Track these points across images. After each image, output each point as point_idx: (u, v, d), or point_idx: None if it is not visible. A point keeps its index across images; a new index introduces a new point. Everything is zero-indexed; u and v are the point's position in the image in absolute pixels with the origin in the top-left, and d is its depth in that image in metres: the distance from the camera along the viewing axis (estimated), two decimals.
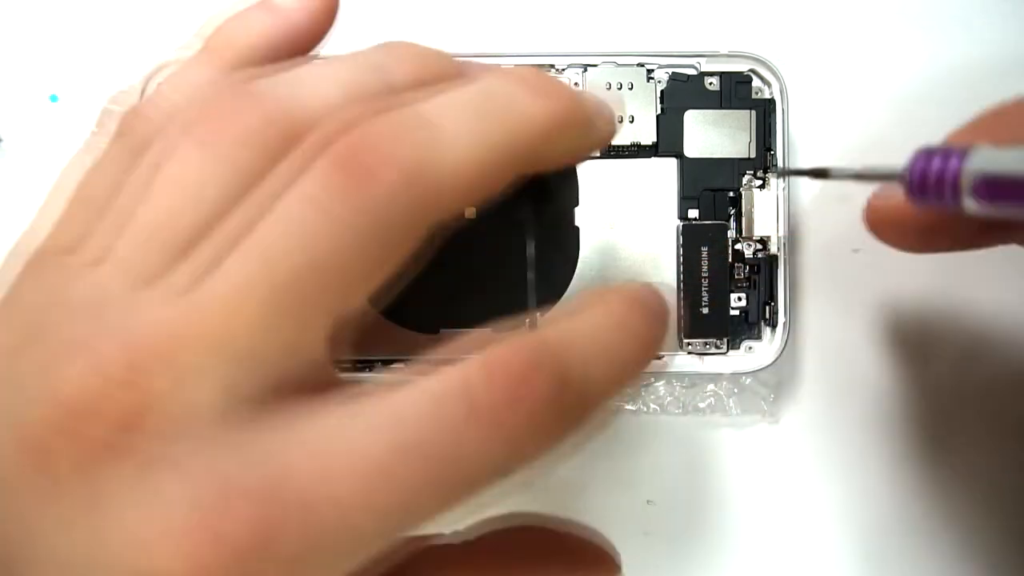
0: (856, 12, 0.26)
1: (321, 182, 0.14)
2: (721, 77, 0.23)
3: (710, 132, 0.23)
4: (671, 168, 0.23)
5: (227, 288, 0.13)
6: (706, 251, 0.23)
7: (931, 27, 0.26)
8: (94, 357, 0.13)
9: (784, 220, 0.23)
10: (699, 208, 0.23)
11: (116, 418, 0.13)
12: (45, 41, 0.27)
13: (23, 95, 0.27)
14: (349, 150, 0.14)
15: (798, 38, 0.26)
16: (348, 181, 0.14)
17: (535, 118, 0.16)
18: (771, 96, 0.23)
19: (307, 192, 0.14)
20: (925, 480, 0.26)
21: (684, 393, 0.25)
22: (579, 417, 0.14)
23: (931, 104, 0.26)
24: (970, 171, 0.14)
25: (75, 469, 0.13)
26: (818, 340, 0.26)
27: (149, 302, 0.14)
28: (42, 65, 0.27)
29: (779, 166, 0.22)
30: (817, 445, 0.26)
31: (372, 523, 0.13)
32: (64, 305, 0.14)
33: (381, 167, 0.14)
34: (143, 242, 0.14)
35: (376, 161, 0.14)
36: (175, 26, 0.27)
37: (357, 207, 0.13)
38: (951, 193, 0.14)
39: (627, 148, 0.23)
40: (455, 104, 0.15)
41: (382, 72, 0.16)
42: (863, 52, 0.26)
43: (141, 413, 0.13)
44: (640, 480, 0.26)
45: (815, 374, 0.26)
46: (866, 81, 0.26)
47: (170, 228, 0.14)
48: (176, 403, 0.13)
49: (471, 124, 0.15)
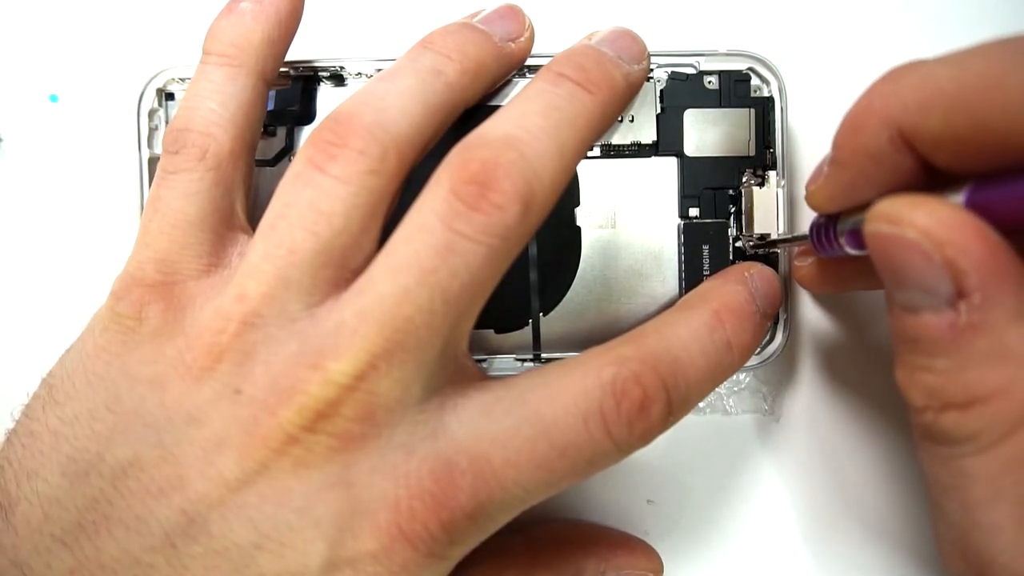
0: (853, 10, 0.26)
1: (464, 217, 0.17)
2: (720, 76, 0.23)
3: (710, 131, 0.23)
4: (671, 167, 0.23)
5: (394, 301, 0.17)
6: (707, 249, 0.23)
7: (929, 25, 0.26)
8: (323, 373, 0.16)
9: (784, 218, 0.23)
10: (699, 206, 0.23)
11: (353, 416, 0.17)
12: (45, 41, 0.27)
13: (23, 95, 0.27)
14: (478, 188, 0.17)
15: (796, 36, 0.26)
16: (486, 217, 0.17)
17: (594, 113, 0.19)
18: (770, 94, 0.23)
19: (447, 222, 0.17)
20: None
21: None
22: (675, 423, 0.19)
23: None
24: (841, 229, 0.19)
25: (327, 454, 0.17)
26: (817, 337, 0.26)
27: (331, 320, 0.17)
28: (42, 65, 0.27)
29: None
30: (816, 442, 0.26)
31: (524, 498, 0.17)
32: (259, 330, 0.17)
33: (508, 204, 0.17)
34: (313, 268, 0.17)
35: (502, 196, 0.17)
36: (175, 26, 0.27)
37: (493, 234, 0.17)
38: (836, 244, 0.19)
39: (627, 147, 0.23)
40: (529, 120, 0.18)
41: (440, 75, 0.19)
42: (861, 49, 0.26)
43: (371, 410, 0.17)
44: (640, 480, 0.26)
45: (814, 371, 0.26)
46: (864, 78, 0.26)
47: (329, 252, 0.17)
48: (392, 399, 0.17)
49: (550, 136, 0.18)
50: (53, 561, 0.16)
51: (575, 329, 0.23)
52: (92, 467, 0.17)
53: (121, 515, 0.16)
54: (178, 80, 0.23)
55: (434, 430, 0.17)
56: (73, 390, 0.18)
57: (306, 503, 0.16)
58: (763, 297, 0.21)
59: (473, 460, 0.17)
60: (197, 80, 0.20)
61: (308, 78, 0.23)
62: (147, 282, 0.19)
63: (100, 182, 0.26)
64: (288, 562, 0.16)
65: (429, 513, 0.17)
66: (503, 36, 0.21)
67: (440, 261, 0.17)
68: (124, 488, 0.16)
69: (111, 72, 0.26)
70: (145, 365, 0.18)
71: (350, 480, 0.17)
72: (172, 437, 0.17)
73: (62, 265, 0.27)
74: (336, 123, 0.18)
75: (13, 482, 0.17)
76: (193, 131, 0.19)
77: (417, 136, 0.19)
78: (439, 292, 0.17)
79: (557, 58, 0.20)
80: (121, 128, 0.26)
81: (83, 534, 0.16)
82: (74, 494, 0.16)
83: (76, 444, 0.17)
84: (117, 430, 0.17)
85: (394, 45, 0.22)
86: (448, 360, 0.18)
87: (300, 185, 0.18)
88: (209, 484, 0.16)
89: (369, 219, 0.18)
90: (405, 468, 0.17)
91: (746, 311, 0.20)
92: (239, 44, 0.20)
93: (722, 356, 0.19)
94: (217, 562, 0.16)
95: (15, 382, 0.26)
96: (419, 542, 0.17)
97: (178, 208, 0.19)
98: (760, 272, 0.21)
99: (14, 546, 0.16)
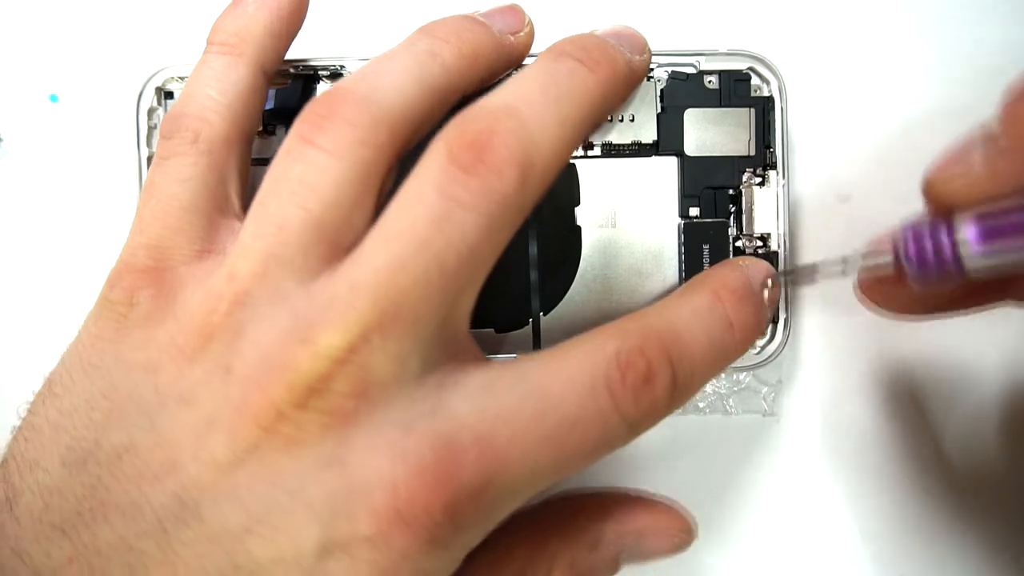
0: (854, 9, 0.26)
1: (460, 183, 0.16)
2: (720, 75, 0.23)
3: (710, 130, 0.23)
4: (671, 167, 0.23)
5: (388, 272, 0.16)
6: (707, 249, 0.23)
7: (930, 25, 0.26)
8: (313, 347, 0.16)
9: (784, 217, 0.23)
10: (700, 206, 0.23)
11: (346, 391, 0.16)
12: (45, 41, 0.27)
13: (23, 95, 0.27)
14: (475, 154, 0.17)
15: (796, 36, 0.26)
16: (482, 182, 0.16)
17: (595, 90, 0.19)
18: (770, 94, 0.23)
19: (442, 190, 0.16)
20: (926, 476, 0.26)
21: None
22: (682, 402, 0.18)
23: (930, 101, 0.26)
24: (963, 240, 0.14)
25: (320, 432, 0.16)
26: (818, 337, 0.26)
27: (324, 294, 0.16)
28: (42, 65, 0.27)
29: (779, 268, 0.22)
30: (817, 442, 0.26)
31: (532, 479, 0.17)
32: (250, 308, 0.17)
33: (506, 169, 0.17)
34: (304, 244, 0.17)
35: (499, 162, 0.17)
36: (175, 26, 0.27)
37: (491, 201, 0.16)
38: (955, 266, 0.14)
39: (628, 147, 0.23)
40: (529, 92, 0.18)
41: (436, 57, 0.19)
42: (861, 49, 0.26)
43: (364, 386, 0.16)
44: (640, 480, 0.26)
45: (815, 371, 0.26)
46: (864, 77, 0.26)
47: (320, 227, 0.17)
48: (387, 375, 0.16)
49: (549, 108, 0.17)
50: (52, 550, 0.16)
51: (575, 328, 0.23)
52: (90, 455, 0.17)
53: (117, 501, 0.16)
54: (178, 79, 0.23)
55: (433, 408, 0.17)
56: (70, 381, 0.18)
57: (298, 483, 0.16)
58: (760, 285, 0.21)
59: (477, 436, 0.16)
60: (197, 69, 0.20)
61: (308, 77, 0.23)
62: (138, 268, 0.18)
63: (100, 182, 0.26)
64: (280, 547, 0.16)
65: (430, 492, 0.16)
66: (502, 30, 0.21)
67: (436, 230, 0.16)
68: (120, 474, 0.16)
69: (111, 72, 0.26)
70: (138, 350, 0.17)
71: (344, 459, 0.16)
72: (165, 420, 0.16)
73: (62, 265, 0.27)
74: (328, 97, 0.18)
75: (16, 474, 0.17)
76: (187, 116, 0.19)
77: (411, 112, 0.18)
78: (435, 263, 0.16)
79: (558, 41, 0.20)
80: (121, 128, 0.26)
81: (81, 522, 0.16)
82: (73, 483, 0.16)
83: (75, 434, 0.17)
84: (113, 417, 0.17)
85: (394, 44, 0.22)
86: (447, 338, 0.17)
87: (290, 161, 0.17)
88: (201, 467, 0.16)
89: (361, 194, 0.17)
90: (403, 445, 0.16)
91: (744, 292, 0.20)
92: (239, 34, 0.20)
93: (724, 334, 0.19)
94: (208, 548, 0.16)
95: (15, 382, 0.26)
96: (419, 526, 0.16)
97: (171, 194, 0.19)
98: (754, 262, 0.21)
99: (16, 536, 0.16)
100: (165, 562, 0.16)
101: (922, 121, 0.26)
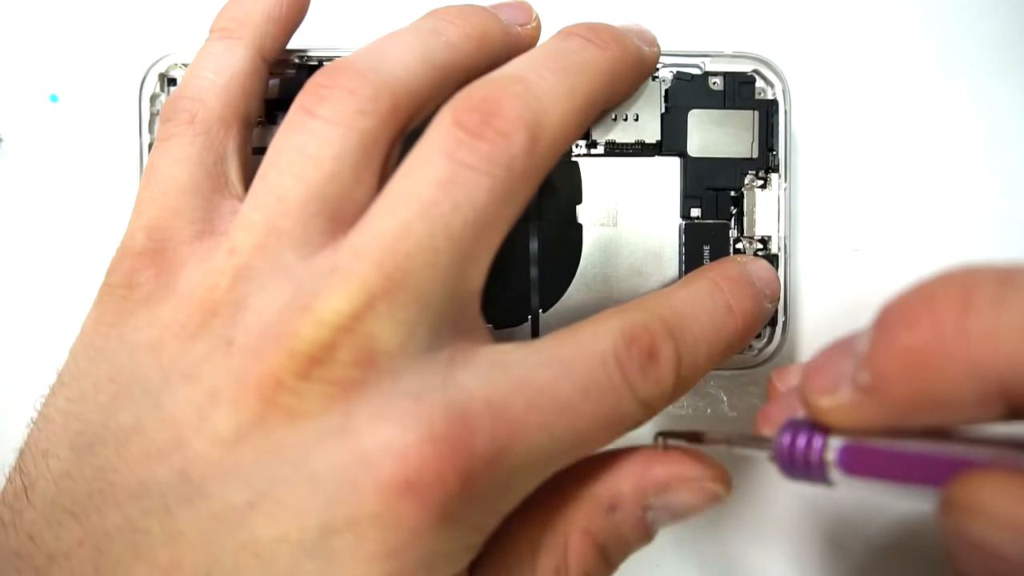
0: (858, 13, 0.27)
1: (466, 145, 0.16)
2: (725, 77, 0.23)
3: (713, 132, 0.23)
4: (674, 167, 0.23)
5: (392, 237, 0.16)
6: (708, 250, 0.23)
7: (933, 27, 0.27)
8: (313, 314, 0.15)
9: (785, 220, 0.23)
10: (701, 207, 0.23)
11: (350, 360, 0.15)
12: (45, 41, 0.27)
13: (23, 95, 0.26)
14: (481, 116, 0.16)
15: (801, 39, 0.26)
16: (489, 145, 0.16)
17: (604, 66, 0.19)
18: (774, 97, 0.23)
19: (449, 153, 0.16)
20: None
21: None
22: (689, 382, 0.18)
23: (931, 102, 0.27)
24: (834, 447, 0.14)
25: (324, 402, 0.15)
26: (816, 339, 0.26)
27: (326, 263, 0.16)
28: (42, 65, 0.26)
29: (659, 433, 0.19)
30: None
31: (549, 449, 0.16)
32: (252, 281, 0.17)
33: (514, 131, 0.16)
34: (305, 216, 0.17)
35: (506, 124, 0.16)
36: (175, 27, 0.26)
37: (498, 163, 0.16)
38: (821, 477, 0.14)
39: (631, 146, 0.23)
40: (537, 63, 0.18)
41: (441, 35, 0.19)
42: (866, 54, 0.26)
43: (370, 355, 0.15)
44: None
45: None
46: (868, 81, 0.27)
47: (321, 199, 0.17)
48: (395, 344, 0.16)
49: (558, 78, 0.17)
50: (63, 532, 0.16)
51: None
52: (98, 437, 0.16)
53: (125, 482, 0.16)
54: (181, 66, 0.23)
55: (444, 381, 0.16)
56: (77, 369, 0.18)
57: (302, 455, 0.15)
58: (759, 279, 0.21)
59: (491, 405, 0.16)
60: (197, 55, 0.20)
61: (312, 67, 0.23)
62: (137, 250, 0.18)
63: (101, 182, 0.26)
64: (284, 524, 0.15)
65: (443, 460, 0.15)
66: (509, 21, 0.21)
67: (441, 193, 0.16)
68: (127, 454, 0.16)
69: (111, 72, 0.26)
70: (140, 331, 0.17)
71: (350, 429, 0.15)
72: (169, 397, 0.16)
73: (63, 265, 0.26)
74: (330, 68, 0.18)
75: (32, 463, 0.17)
76: (184, 97, 0.20)
77: (414, 85, 0.18)
78: (441, 227, 0.16)
79: (567, 25, 0.20)
80: (121, 128, 0.26)
81: (92, 504, 0.16)
82: (82, 466, 0.16)
83: (84, 419, 0.17)
84: (119, 399, 0.17)
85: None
86: (456, 311, 0.17)
87: (291, 132, 0.17)
88: (205, 442, 0.16)
89: (362, 165, 0.17)
90: (414, 413, 0.15)
91: (743, 280, 0.20)
92: (239, 18, 0.20)
93: (725, 317, 0.19)
94: (211, 526, 0.15)
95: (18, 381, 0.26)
96: (431, 496, 0.15)
97: (169, 174, 0.19)
98: (753, 259, 0.22)
99: (32, 521, 0.16)
100: (169, 541, 0.15)
101: (923, 121, 0.26)
